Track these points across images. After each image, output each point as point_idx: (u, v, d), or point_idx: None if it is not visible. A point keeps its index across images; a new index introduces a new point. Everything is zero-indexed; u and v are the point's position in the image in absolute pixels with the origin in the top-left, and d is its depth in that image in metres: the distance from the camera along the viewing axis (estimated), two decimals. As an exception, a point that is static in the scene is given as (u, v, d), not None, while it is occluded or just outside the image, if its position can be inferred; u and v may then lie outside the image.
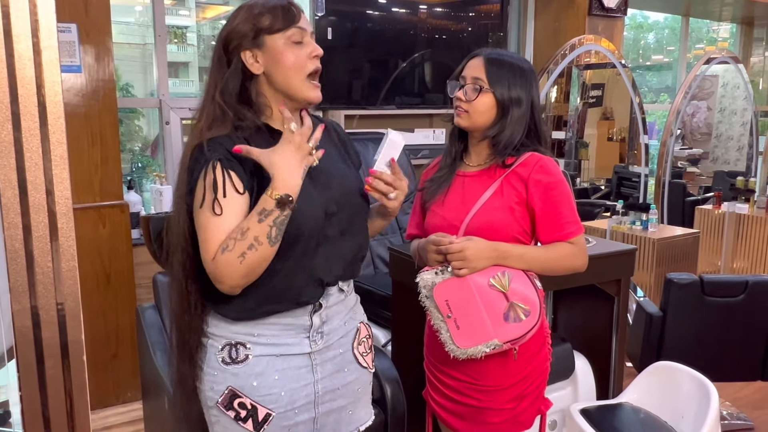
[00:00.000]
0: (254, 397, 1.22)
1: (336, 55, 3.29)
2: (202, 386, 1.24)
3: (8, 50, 0.72)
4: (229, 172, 1.14)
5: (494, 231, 1.47)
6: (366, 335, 1.39)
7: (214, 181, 1.13)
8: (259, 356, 1.22)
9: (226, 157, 1.14)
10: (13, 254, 0.75)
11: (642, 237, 3.51)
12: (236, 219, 1.13)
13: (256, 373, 1.22)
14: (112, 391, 2.77)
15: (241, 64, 1.19)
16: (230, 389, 1.21)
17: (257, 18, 1.19)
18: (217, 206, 1.12)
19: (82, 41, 2.48)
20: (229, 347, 1.22)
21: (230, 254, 1.10)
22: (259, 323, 1.22)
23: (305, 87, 1.22)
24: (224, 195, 1.12)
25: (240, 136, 1.18)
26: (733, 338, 2.43)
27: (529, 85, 1.51)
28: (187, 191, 1.17)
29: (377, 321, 2.65)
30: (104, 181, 2.60)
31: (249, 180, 1.16)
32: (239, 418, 1.22)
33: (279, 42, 1.19)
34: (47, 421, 0.80)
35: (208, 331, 1.24)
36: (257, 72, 1.20)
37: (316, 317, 1.26)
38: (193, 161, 1.16)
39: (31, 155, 0.74)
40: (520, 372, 1.52)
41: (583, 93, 4.38)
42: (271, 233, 1.11)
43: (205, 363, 1.24)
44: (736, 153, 5.36)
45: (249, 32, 1.18)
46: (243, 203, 1.15)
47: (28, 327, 0.77)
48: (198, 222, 1.15)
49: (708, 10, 5.35)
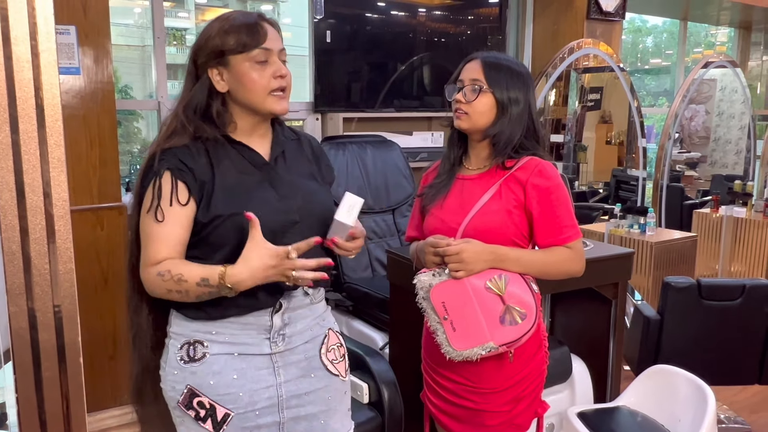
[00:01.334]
0: (212, 396, 1.22)
1: (335, 57, 3.29)
2: (165, 386, 1.26)
3: (6, 53, 0.72)
4: (177, 182, 1.19)
5: (492, 234, 1.47)
6: (336, 343, 1.38)
7: (160, 190, 1.19)
8: (216, 354, 1.23)
9: (177, 167, 1.19)
10: (11, 256, 0.75)
11: (640, 240, 3.51)
12: (177, 227, 1.19)
13: (213, 371, 1.22)
14: (109, 393, 2.76)
15: (207, 80, 1.23)
16: (189, 388, 1.22)
17: (223, 37, 1.21)
18: (160, 213, 1.18)
19: (80, 43, 2.48)
20: (187, 345, 1.23)
21: (161, 282, 1.17)
22: (217, 322, 1.23)
23: (269, 101, 1.25)
24: (170, 204, 1.18)
25: (200, 145, 1.23)
26: (730, 342, 2.44)
27: (526, 87, 1.53)
28: (139, 192, 1.23)
29: (375, 324, 2.65)
30: (102, 184, 2.60)
31: (198, 189, 1.20)
32: (199, 418, 1.22)
33: (243, 63, 1.22)
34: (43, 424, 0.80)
35: (170, 331, 1.27)
36: (222, 90, 1.24)
37: (277, 318, 1.26)
38: (145, 170, 1.23)
39: (28, 158, 0.74)
40: (517, 374, 1.52)
41: (582, 96, 4.39)
42: (201, 297, 1.18)
43: (167, 363, 1.25)
44: (734, 157, 5.37)
45: (215, 50, 1.22)
46: (185, 213, 1.20)
47: (25, 329, 0.77)
48: (141, 227, 1.22)
49: (706, 14, 5.37)
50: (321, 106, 3.30)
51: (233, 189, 1.22)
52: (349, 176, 3.04)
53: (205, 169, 1.21)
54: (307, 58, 3.30)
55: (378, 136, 3.32)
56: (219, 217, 1.20)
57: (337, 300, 2.78)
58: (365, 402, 1.89)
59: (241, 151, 1.26)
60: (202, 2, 4.72)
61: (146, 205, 1.21)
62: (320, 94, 3.27)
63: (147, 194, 1.21)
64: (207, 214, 1.20)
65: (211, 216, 1.20)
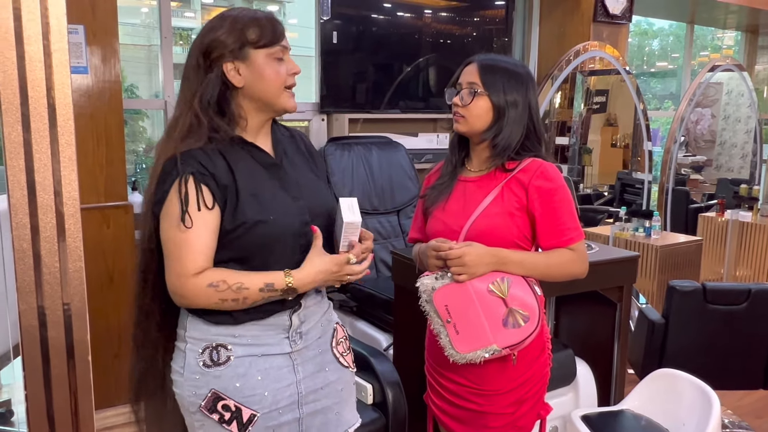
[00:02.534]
0: (238, 398, 1.22)
1: (341, 58, 3.29)
2: (183, 392, 1.24)
3: (19, 52, 0.73)
4: (201, 187, 1.17)
5: (494, 236, 1.47)
6: (343, 336, 1.41)
7: (186, 196, 1.15)
8: (240, 357, 1.23)
9: (199, 171, 1.17)
10: (21, 254, 0.76)
11: (645, 244, 3.50)
12: (205, 233, 1.17)
13: (238, 374, 1.22)
14: (113, 391, 2.77)
15: (222, 74, 1.21)
16: (213, 392, 1.22)
17: (243, 31, 1.20)
18: (188, 220, 1.15)
19: (89, 42, 2.49)
20: (209, 350, 1.22)
21: (214, 292, 1.16)
22: (240, 325, 1.23)
23: (283, 97, 1.25)
24: (198, 209, 1.16)
25: (214, 148, 1.20)
26: (735, 346, 2.43)
27: (525, 88, 1.52)
28: (156, 200, 1.19)
29: (379, 325, 2.65)
30: (109, 182, 2.61)
31: (221, 194, 1.19)
32: (223, 421, 1.22)
33: (263, 58, 1.21)
34: (51, 420, 0.81)
35: (187, 336, 1.24)
36: (238, 85, 1.22)
37: (295, 317, 1.28)
38: (165, 173, 1.18)
39: (40, 156, 0.75)
40: (520, 376, 1.52)
41: (587, 99, 4.38)
42: (256, 303, 1.19)
43: (185, 368, 1.23)
44: (739, 161, 5.36)
45: (233, 44, 1.20)
46: (212, 218, 1.18)
47: (34, 326, 0.77)
48: (168, 235, 1.18)
49: (713, 17, 5.35)
50: (327, 106, 3.30)
51: (255, 194, 1.21)
52: (355, 177, 3.04)
53: (225, 172, 1.19)
54: (313, 59, 3.31)
55: (383, 137, 3.32)
56: (244, 224, 1.19)
57: (341, 301, 2.78)
58: (369, 403, 1.89)
59: (251, 152, 1.25)
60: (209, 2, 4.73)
61: (170, 211, 1.17)
62: (326, 95, 3.27)
63: (170, 199, 1.17)
64: (233, 221, 1.18)
65: (237, 222, 1.18)
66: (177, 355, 1.27)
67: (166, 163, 1.18)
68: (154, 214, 1.20)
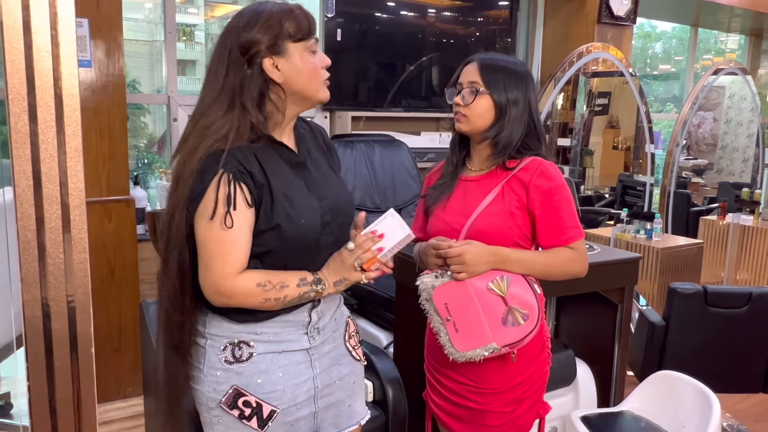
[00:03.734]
0: (259, 394, 1.22)
1: (345, 56, 3.29)
2: (202, 387, 1.24)
3: (27, 41, 0.72)
4: (241, 185, 1.15)
5: (495, 235, 1.47)
6: (354, 330, 1.42)
7: (228, 195, 1.14)
8: (262, 354, 1.23)
9: (238, 170, 1.16)
10: (26, 245, 0.75)
11: (646, 246, 3.50)
12: (245, 231, 1.16)
13: (260, 370, 1.22)
14: (113, 385, 2.77)
15: (262, 70, 1.19)
16: (235, 388, 1.22)
17: (281, 25, 1.19)
18: (229, 219, 1.14)
19: (93, 36, 2.49)
20: (231, 346, 1.22)
21: (261, 291, 1.17)
22: (261, 323, 1.23)
23: (322, 89, 1.25)
24: (234, 208, 1.14)
25: (249, 146, 1.18)
26: (735, 350, 2.43)
27: (525, 86, 1.52)
28: (193, 195, 1.16)
29: (379, 323, 2.65)
30: (111, 176, 2.61)
31: (257, 194, 1.18)
32: (243, 417, 1.22)
33: (301, 51, 1.21)
34: (54, 412, 0.81)
35: (207, 332, 1.24)
36: (278, 80, 1.20)
37: (314, 313, 1.28)
38: (204, 168, 1.16)
39: (46, 147, 0.75)
40: (519, 375, 1.52)
41: (590, 101, 4.38)
42: (293, 301, 1.21)
43: (205, 364, 1.23)
44: (741, 164, 5.36)
45: (271, 39, 1.18)
46: (250, 216, 1.17)
47: (38, 318, 0.77)
48: (207, 233, 1.16)
49: (717, 21, 5.35)
50: (330, 104, 3.30)
51: (288, 195, 1.20)
52: (357, 175, 3.04)
53: (260, 172, 1.18)
54: (317, 57, 3.31)
55: (386, 136, 3.32)
56: (279, 225, 1.18)
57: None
58: (369, 400, 1.88)
59: (279, 151, 1.24)
60: (213, -2, 4.72)
61: (208, 208, 1.15)
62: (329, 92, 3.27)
63: (208, 197, 1.15)
64: (269, 222, 1.18)
65: (273, 223, 1.18)
66: (196, 351, 1.25)
67: (203, 160, 1.16)
68: (189, 211, 1.17)
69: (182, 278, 1.21)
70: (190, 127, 1.21)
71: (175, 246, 1.20)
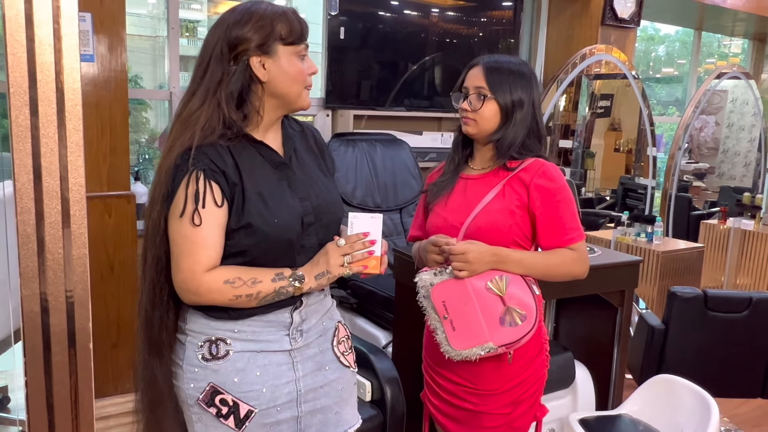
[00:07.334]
0: (235, 393, 1.22)
1: (347, 55, 3.29)
2: (182, 384, 1.24)
3: (29, 35, 0.72)
4: (211, 183, 1.16)
5: (494, 233, 1.47)
6: (345, 335, 1.40)
7: (196, 192, 1.15)
8: (239, 352, 1.22)
9: (209, 168, 1.16)
10: (25, 239, 0.75)
11: (646, 249, 3.50)
12: (214, 230, 1.16)
13: (237, 368, 1.22)
14: (110, 381, 2.77)
15: (247, 68, 1.19)
16: (211, 385, 1.21)
17: (273, 26, 1.19)
18: (197, 217, 1.15)
19: (95, 31, 2.48)
20: (209, 343, 1.22)
21: (230, 289, 1.17)
22: (240, 321, 1.23)
23: (303, 95, 1.25)
24: (203, 206, 1.15)
25: (224, 145, 1.19)
26: (734, 354, 2.42)
27: (530, 86, 1.53)
28: (167, 192, 1.18)
29: (378, 322, 2.65)
30: (112, 171, 2.60)
31: (229, 192, 1.18)
32: (221, 415, 1.22)
33: (289, 54, 1.21)
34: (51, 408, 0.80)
35: (186, 329, 1.24)
36: (263, 79, 1.20)
37: (296, 315, 1.27)
38: (176, 167, 1.17)
39: (47, 141, 0.74)
40: (517, 377, 1.52)
41: (592, 103, 4.37)
42: (268, 298, 1.19)
43: (184, 361, 1.23)
44: (742, 169, 5.35)
45: (260, 39, 1.18)
46: (221, 215, 1.17)
47: (36, 313, 0.77)
48: (177, 231, 1.17)
49: (721, 24, 5.34)
50: (332, 102, 3.30)
51: (262, 195, 1.20)
52: (358, 173, 3.03)
53: (233, 171, 1.18)
54: (319, 55, 3.30)
55: (388, 135, 3.31)
56: (250, 225, 1.18)
57: (341, 297, 2.78)
58: (367, 400, 1.88)
59: (259, 150, 1.24)
60: (216, -5, 4.71)
61: (178, 206, 1.16)
62: (331, 91, 3.27)
63: (179, 195, 1.16)
64: (239, 221, 1.18)
65: (243, 222, 1.18)
66: (177, 347, 1.26)
67: (178, 157, 1.17)
68: (165, 208, 1.19)
69: (159, 274, 1.22)
70: (174, 120, 1.23)
71: (153, 242, 1.22)
